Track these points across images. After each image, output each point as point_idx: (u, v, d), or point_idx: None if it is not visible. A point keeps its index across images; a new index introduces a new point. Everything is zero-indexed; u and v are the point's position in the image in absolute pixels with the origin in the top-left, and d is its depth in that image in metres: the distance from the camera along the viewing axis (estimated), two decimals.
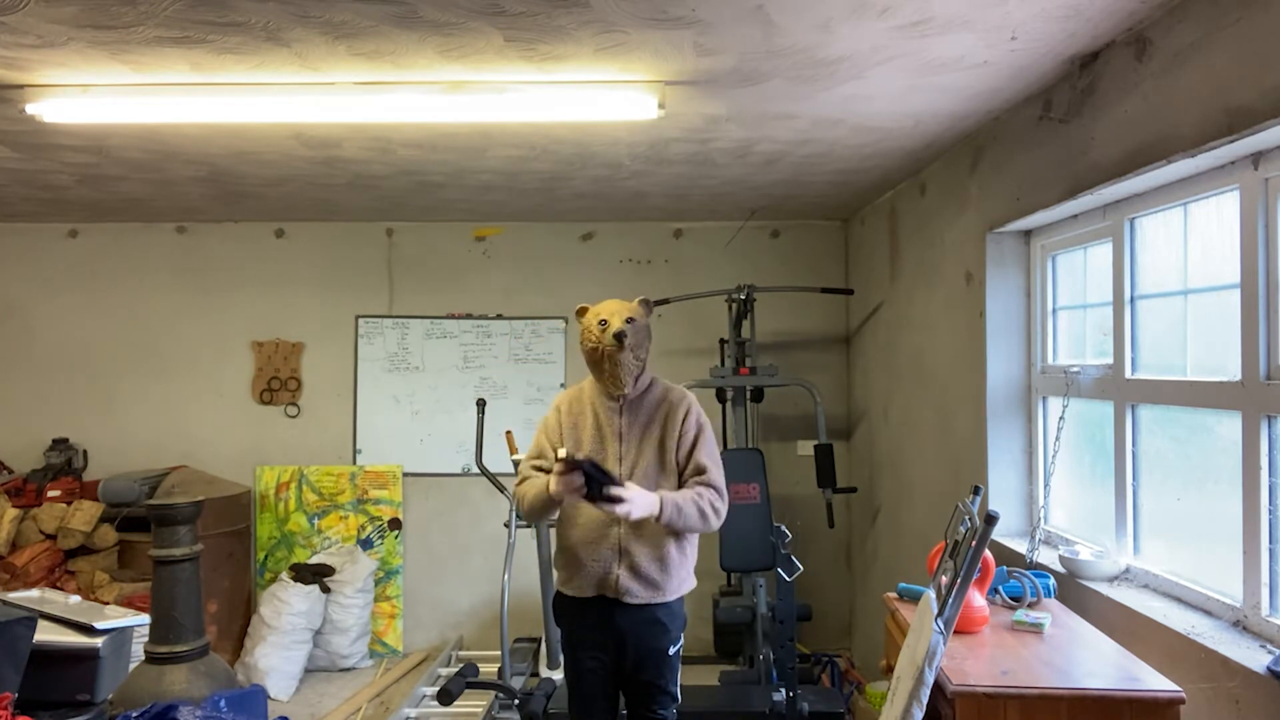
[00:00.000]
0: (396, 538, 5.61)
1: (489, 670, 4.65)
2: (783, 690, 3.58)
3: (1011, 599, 2.64)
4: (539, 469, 2.83)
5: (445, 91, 2.87)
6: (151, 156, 3.91)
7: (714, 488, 2.76)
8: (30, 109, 2.97)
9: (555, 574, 2.89)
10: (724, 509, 2.78)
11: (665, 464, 2.79)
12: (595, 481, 2.53)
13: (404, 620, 5.63)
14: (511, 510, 4.51)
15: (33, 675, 3.35)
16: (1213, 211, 2.40)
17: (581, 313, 2.84)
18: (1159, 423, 2.67)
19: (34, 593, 4.13)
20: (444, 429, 5.68)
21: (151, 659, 3.77)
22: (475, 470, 5.20)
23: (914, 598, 2.77)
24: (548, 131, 3.51)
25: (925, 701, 2.00)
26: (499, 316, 5.71)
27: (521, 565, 5.33)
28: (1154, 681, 2.09)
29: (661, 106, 2.93)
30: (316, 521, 5.58)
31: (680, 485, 2.81)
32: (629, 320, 2.73)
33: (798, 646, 4.25)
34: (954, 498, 3.57)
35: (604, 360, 2.74)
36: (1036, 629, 2.40)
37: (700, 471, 2.78)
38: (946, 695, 2.07)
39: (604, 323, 2.73)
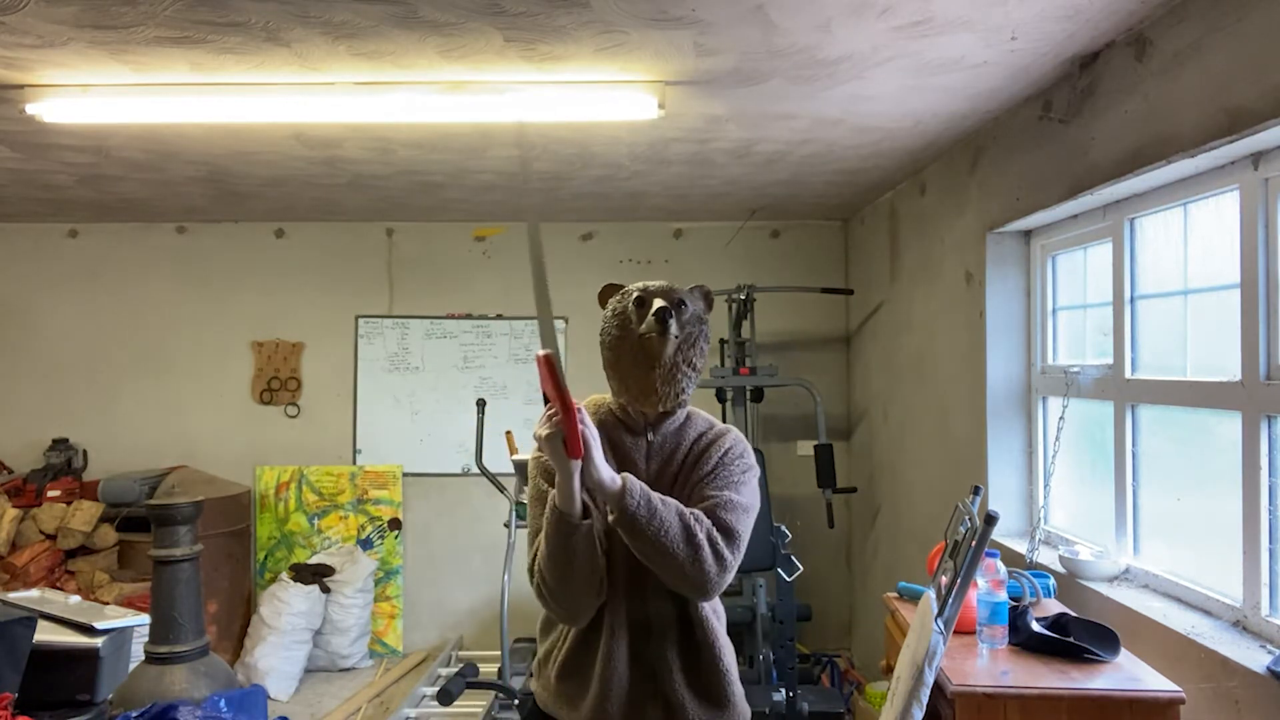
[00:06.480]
0: (396, 538, 5.61)
1: (489, 670, 4.65)
2: (783, 690, 3.58)
3: (1011, 599, 2.64)
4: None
5: (445, 91, 2.86)
6: (151, 156, 3.91)
7: (720, 525, 1.77)
8: (30, 109, 2.97)
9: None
10: (731, 558, 1.75)
11: None
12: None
13: (404, 620, 5.63)
14: (511, 510, 4.51)
15: (33, 675, 3.35)
16: (1213, 211, 2.40)
17: (608, 293, 1.97)
18: (1159, 423, 2.67)
19: (34, 593, 4.13)
20: (444, 429, 5.67)
21: (151, 659, 3.77)
22: (475, 470, 5.19)
23: (914, 598, 2.77)
24: (548, 131, 3.50)
25: (925, 701, 2.00)
26: (499, 316, 5.71)
27: (521, 565, 5.32)
28: (1154, 681, 2.09)
29: (661, 107, 2.93)
30: (316, 521, 5.58)
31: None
32: (680, 303, 1.87)
33: (798, 646, 4.25)
34: (954, 498, 3.57)
35: (638, 356, 1.82)
36: None
37: (710, 501, 1.80)
38: (946, 695, 2.07)
39: (642, 301, 1.86)
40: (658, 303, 1.82)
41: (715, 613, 1.91)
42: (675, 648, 1.85)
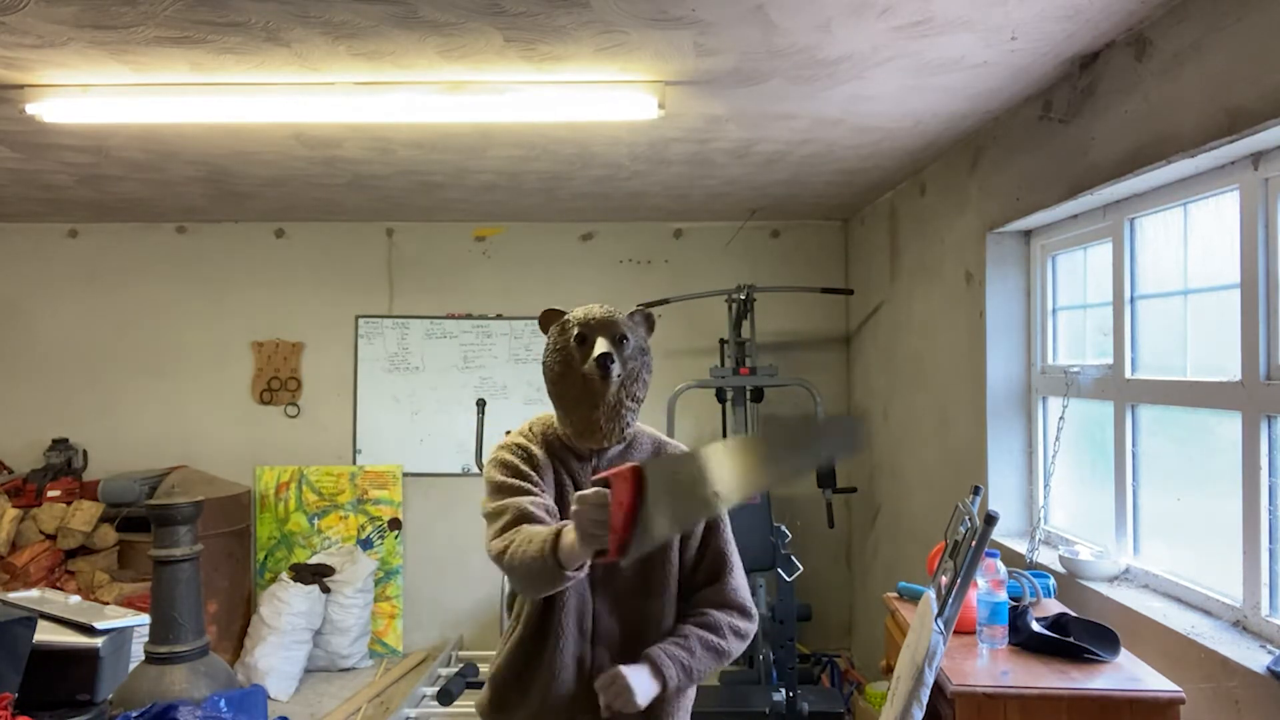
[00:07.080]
0: (396, 538, 5.61)
1: (489, 670, 4.65)
2: (783, 690, 3.58)
3: (1011, 599, 2.64)
4: (525, 515, 1.79)
5: (445, 91, 2.86)
6: (151, 156, 3.91)
7: (733, 607, 1.87)
8: (30, 109, 2.97)
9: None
10: (749, 627, 1.87)
11: (658, 563, 1.85)
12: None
13: (404, 620, 5.63)
14: None
15: (33, 675, 3.35)
16: (1213, 211, 2.40)
17: (549, 319, 1.93)
18: (1159, 423, 2.67)
19: (34, 593, 4.13)
20: (444, 429, 5.67)
21: (151, 659, 3.77)
22: (475, 470, 5.20)
23: (914, 598, 2.77)
24: (548, 131, 3.50)
25: (925, 701, 2.00)
26: (499, 316, 5.71)
27: None
28: (1154, 681, 2.09)
29: (661, 107, 2.93)
30: (316, 521, 5.58)
31: (684, 594, 1.90)
32: (621, 339, 1.84)
33: (798, 646, 4.25)
34: (954, 498, 3.57)
35: (581, 395, 1.82)
36: None
37: (716, 577, 1.87)
38: (946, 695, 2.07)
39: (583, 338, 1.84)
40: (600, 346, 1.79)
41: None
42: (628, 655, 1.81)
